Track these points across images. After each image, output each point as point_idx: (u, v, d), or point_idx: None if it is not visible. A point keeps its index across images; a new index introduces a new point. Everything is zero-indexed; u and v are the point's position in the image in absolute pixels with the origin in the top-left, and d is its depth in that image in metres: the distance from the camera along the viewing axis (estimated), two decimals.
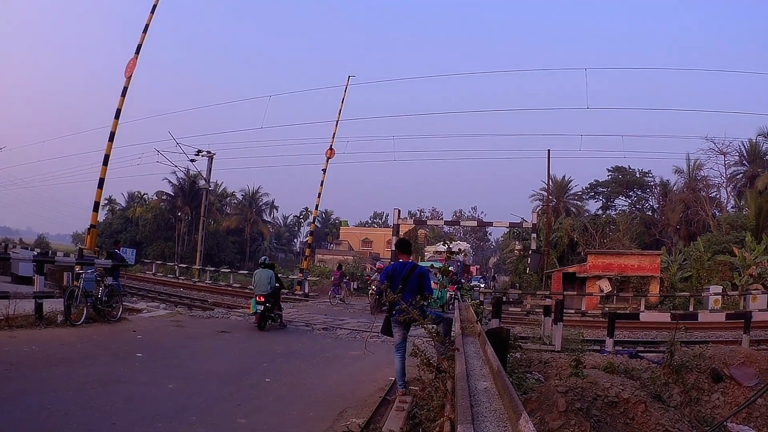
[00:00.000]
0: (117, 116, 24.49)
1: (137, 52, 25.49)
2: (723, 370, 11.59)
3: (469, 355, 6.85)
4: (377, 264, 29.78)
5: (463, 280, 37.81)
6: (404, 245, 11.18)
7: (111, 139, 24.38)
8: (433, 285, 28.23)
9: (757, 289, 36.09)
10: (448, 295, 30.81)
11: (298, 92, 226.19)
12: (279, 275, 23.30)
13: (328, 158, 42.80)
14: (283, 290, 24.74)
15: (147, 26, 26.00)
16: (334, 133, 42.92)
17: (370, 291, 29.06)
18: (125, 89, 24.87)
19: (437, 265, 31.38)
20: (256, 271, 21.31)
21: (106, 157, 24.20)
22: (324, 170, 42.99)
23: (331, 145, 42.80)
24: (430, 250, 57.57)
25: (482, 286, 45.32)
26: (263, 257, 25.26)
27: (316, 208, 48.24)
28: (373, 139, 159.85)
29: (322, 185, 43.33)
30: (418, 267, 10.47)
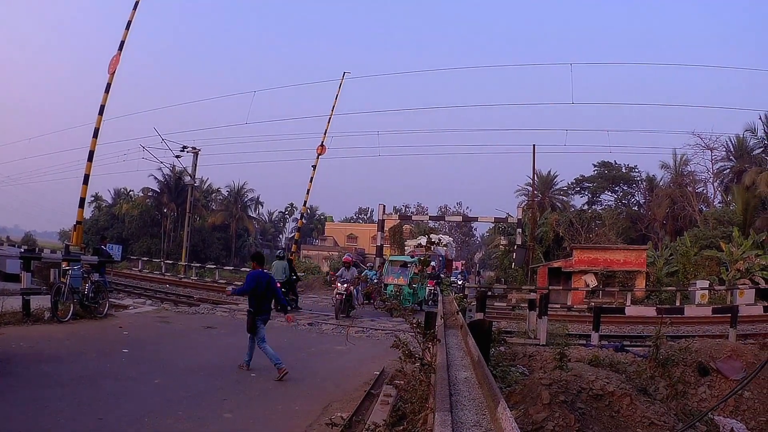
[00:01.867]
0: (101, 112, 24.44)
1: (120, 49, 25.42)
2: (709, 363, 11.63)
3: (450, 347, 6.90)
4: (344, 257, 27.75)
5: (442, 275, 37.30)
6: (259, 258, 13.60)
7: (95, 135, 24.32)
8: (401, 281, 27.37)
9: (744, 284, 36.27)
10: (427, 290, 29.66)
11: (283, 87, 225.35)
12: (294, 267, 26.68)
13: (319, 155, 42.66)
14: (299, 281, 28.23)
15: (129, 23, 25.92)
16: (326, 130, 42.74)
17: (336, 291, 23.80)
18: (108, 86, 24.84)
19: (411, 260, 30.99)
20: (273, 262, 25.99)
21: (91, 153, 24.17)
22: (314, 166, 42.88)
23: (323, 142, 42.63)
24: (410, 244, 57.51)
25: (460, 283, 44.94)
26: (280, 251, 29.24)
27: (305, 204, 48.27)
28: (358, 135, 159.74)
29: (311, 181, 43.28)
30: (270, 275, 13.36)
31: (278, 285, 23.56)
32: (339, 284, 23.58)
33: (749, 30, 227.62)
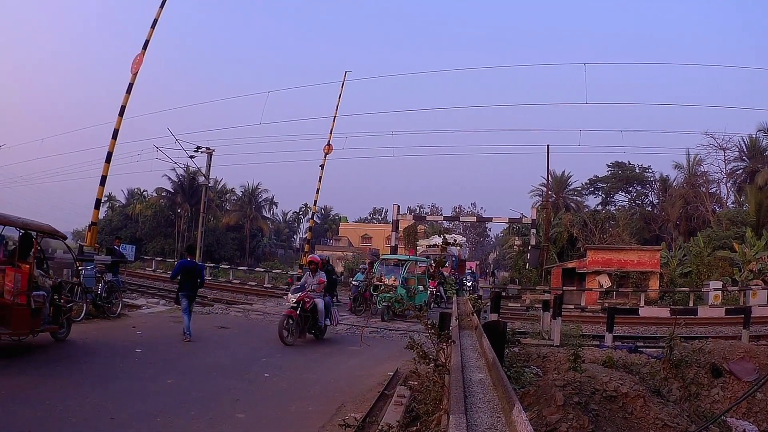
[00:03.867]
0: (121, 113, 23.76)
1: (144, 48, 24.62)
2: (722, 365, 11.59)
3: (465, 348, 6.88)
4: (309, 256, 22.97)
5: (446, 274, 36.72)
6: (191, 249, 17.65)
7: (114, 136, 23.77)
8: (392, 280, 26.23)
9: (757, 285, 36.03)
10: (429, 291, 27.16)
11: (298, 88, 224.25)
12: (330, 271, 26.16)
13: (326, 154, 42.69)
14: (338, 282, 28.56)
15: (156, 21, 24.88)
16: (332, 129, 42.89)
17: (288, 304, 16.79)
18: (131, 86, 24.07)
19: (406, 258, 30.45)
20: None
21: (109, 155, 23.66)
22: (322, 166, 42.92)
23: (329, 141, 42.74)
24: (423, 244, 57.40)
25: (469, 284, 44.44)
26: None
27: (315, 204, 48.22)
28: (372, 135, 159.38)
29: (320, 181, 43.28)
30: (197, 264, 16.46)
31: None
32: (290, 294, 16.75)
33: (762, 29, 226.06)
